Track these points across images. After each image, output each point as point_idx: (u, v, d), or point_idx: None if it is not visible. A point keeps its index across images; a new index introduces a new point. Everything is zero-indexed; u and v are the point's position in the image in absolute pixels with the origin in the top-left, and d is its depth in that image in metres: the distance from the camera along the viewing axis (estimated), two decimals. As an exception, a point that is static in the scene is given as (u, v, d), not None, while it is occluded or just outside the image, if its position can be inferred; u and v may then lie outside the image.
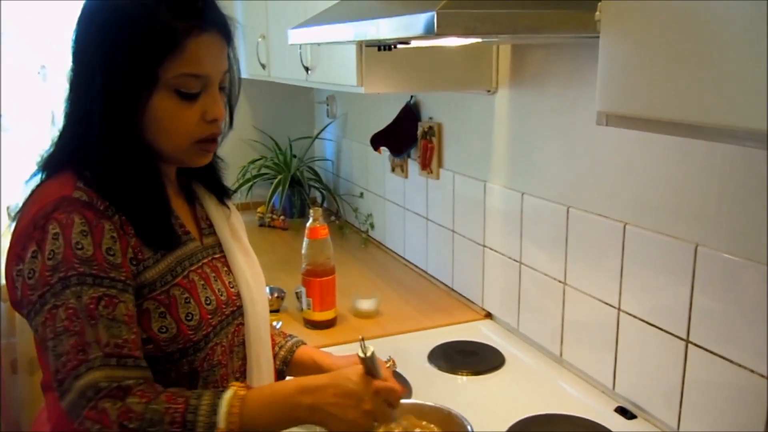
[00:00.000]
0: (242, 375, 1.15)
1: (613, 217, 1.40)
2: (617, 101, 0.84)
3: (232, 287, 1.15)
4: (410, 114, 2.22)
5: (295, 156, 3.05)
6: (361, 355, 1.01)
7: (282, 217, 2.89)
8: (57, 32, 2.68)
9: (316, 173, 3.09)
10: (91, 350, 0.90)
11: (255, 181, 2.97)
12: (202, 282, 1.08)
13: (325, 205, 3.10)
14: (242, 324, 1.15)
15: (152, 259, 1.01)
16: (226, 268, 1.16)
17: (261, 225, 2.93)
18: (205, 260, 1.12)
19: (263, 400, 0.97)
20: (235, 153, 3.12)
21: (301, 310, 1.87)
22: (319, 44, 1.78)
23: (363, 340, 1.04)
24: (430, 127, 2.11)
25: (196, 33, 0.98)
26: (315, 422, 0.99)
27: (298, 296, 1.92)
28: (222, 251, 1.17)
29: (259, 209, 2.96)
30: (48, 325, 0.91)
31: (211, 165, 1.20)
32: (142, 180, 1.02)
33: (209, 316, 1.07)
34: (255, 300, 1.16)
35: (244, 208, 3.06)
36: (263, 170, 3.00)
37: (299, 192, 2.96)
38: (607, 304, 1.43)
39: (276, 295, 1.95)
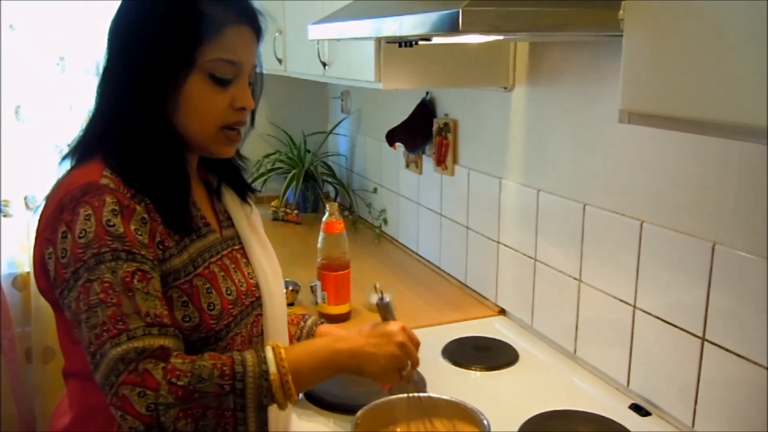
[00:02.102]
0: None
1: (629, 215, 1.41)
2: (640, 99, 0.85)
3: (251, 278, 1.17)
4: (426, 110, 2.23)
5: (309, 151, 3.06)
6: (377, 301, 1.09)
7: (296, 212, 2.91)
8: (75, 24, 2.69)
9: (329, 168, 3.11)
10: (130, 320, 0.92)
11: (269, 175, 2.98)
12: (222, 273, 1.10)
13: (338, 200, 3.11)
14: (261, 315, 1.17)
15: (176, 249, 1.04)
16: (245, 260, 1.18)
17: (274, 219, 2.95)
18: (225, 252, 1.14)
19: (303, 353, 1.03)
20: (250, 147, 3.11)
21: (316, 303, 1.88)
22: (339, 40, 1.79)
23: (378, 287, 1.12)
24: (446, 124, 2.12)
25: (234, 22, 1.04)
26: (353, 367, 1.04)
27: (312, 290, 1.93)
28: (240, 243, 1.19)
29: (272, 203, 2.98)
30: (81, 299, 0.93)
31: (235, 166, 1.24)
32: (167, 165, 1.04)
33: (230, 306, 1.09)
34: (273, 291, 1.19)
35: (257, 201, 3.06)
36: (277, 164, 3.01)
37: (313, 187, 2.98)
38: (622, 301, 1.44)
39: (291, 288, 1.97)
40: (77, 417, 1.08)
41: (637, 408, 1.40)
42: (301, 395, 1.42)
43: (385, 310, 1.10)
